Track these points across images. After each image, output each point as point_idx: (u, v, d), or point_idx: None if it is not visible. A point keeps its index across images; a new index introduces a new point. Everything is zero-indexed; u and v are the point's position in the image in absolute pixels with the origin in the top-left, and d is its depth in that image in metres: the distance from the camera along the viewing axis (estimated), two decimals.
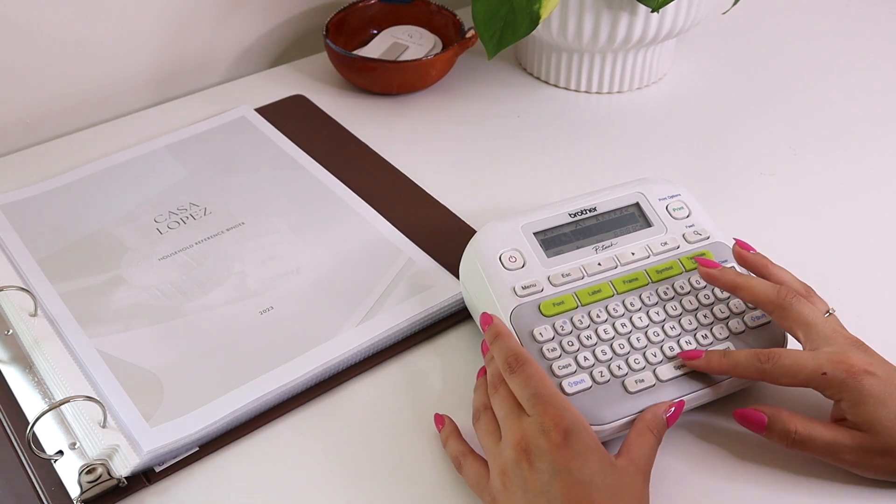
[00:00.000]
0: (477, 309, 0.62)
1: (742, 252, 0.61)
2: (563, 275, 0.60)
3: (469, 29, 0.90)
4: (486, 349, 0.58)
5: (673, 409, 0.55)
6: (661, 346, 0.58)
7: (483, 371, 0.58)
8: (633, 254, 0.62)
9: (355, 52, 0.91)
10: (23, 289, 0.65)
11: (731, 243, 0.63)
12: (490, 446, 0.53)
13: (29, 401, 0.60)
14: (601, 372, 0.56)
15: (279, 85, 0.92)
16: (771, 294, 0.56)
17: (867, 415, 0.52)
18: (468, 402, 0.60)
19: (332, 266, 0.69)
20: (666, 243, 0.63)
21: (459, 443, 0.56)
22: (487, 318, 0.58)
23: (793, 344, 0.59)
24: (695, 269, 0.61)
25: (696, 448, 0.58)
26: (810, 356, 0.54)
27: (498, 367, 0.55)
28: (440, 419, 0.58)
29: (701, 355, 0.57)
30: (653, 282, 0.61)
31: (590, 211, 0.63)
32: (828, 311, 0.57)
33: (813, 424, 0.54)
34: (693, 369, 0.57)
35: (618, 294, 0.60)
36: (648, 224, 0.64)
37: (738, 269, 0.62)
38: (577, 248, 0.62)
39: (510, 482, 0.50)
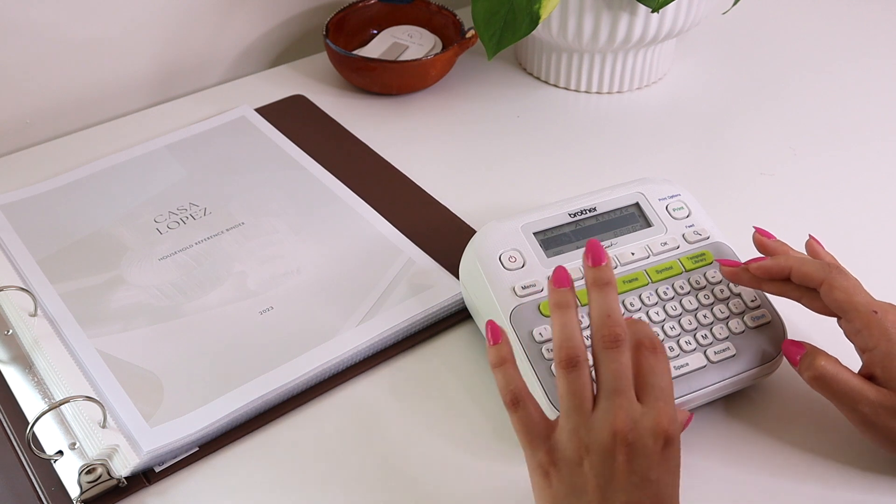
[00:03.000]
0: (477, 309, 0.62)
1: (762, 239, 0.61)
2: None
3: (469, 29, 0.90)
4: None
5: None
6: None
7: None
8: (632, 254, 0.62)
9: (355, 52, 0.91)
10: (23, 289, 0.65)
11: (730, 243, 0.63)
12: (576, 405, 0.48)
13: (29, 401, 0.60)
14: None
15: (279, 85, 0.92)
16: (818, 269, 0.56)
17: None
18: (468, 402, 0.60)
19: (332, 266, 0.69)
20: (666, 243, 0.62)
21: (518, 377, 0.50)
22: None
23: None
24: (694, 269, 0.61)
25: (694, 448, 0.58)
26: (868, 295, 0.55)
27: (642, 333, 0.50)
28: (497, 331, 0.52)
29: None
30: (653, 282, 0.61)
31: (590, 211, 0.63)
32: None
33: (843, 368, 0.54)
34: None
35: (617, 294, 0.60)
36: (648, 224, 0.64)
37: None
38: (577, 248, 0.62)
39: (592, 465, 0.47)
